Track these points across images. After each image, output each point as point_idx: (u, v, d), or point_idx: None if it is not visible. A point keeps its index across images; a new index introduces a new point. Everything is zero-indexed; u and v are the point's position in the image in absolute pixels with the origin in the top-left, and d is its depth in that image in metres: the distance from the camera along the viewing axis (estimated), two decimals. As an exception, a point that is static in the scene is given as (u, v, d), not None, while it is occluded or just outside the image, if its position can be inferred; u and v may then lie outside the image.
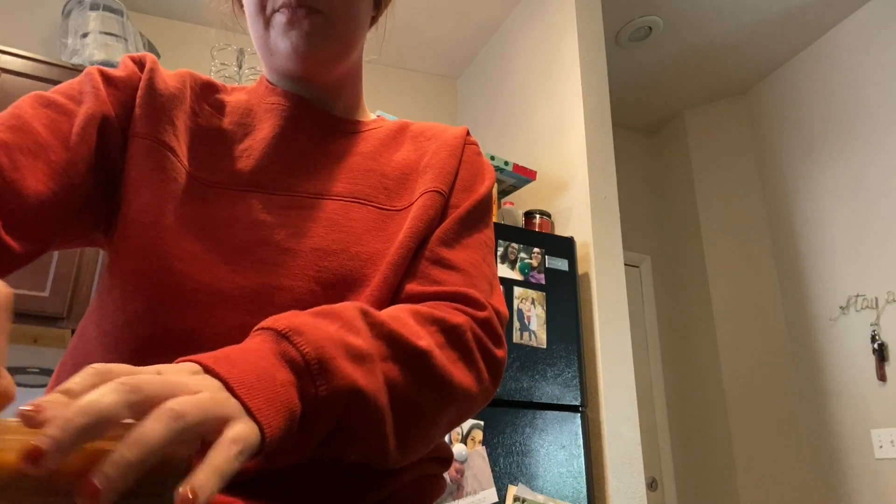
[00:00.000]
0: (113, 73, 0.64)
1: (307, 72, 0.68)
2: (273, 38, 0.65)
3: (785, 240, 3.05)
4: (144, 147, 0.60)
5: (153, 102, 0.63)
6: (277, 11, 0.64)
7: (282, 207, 0.62)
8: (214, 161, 0.64)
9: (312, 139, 0.68)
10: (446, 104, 3.28)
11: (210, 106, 0.68)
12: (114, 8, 2.23)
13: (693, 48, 3.05)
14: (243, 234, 0.59)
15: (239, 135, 0.67)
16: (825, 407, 2.71)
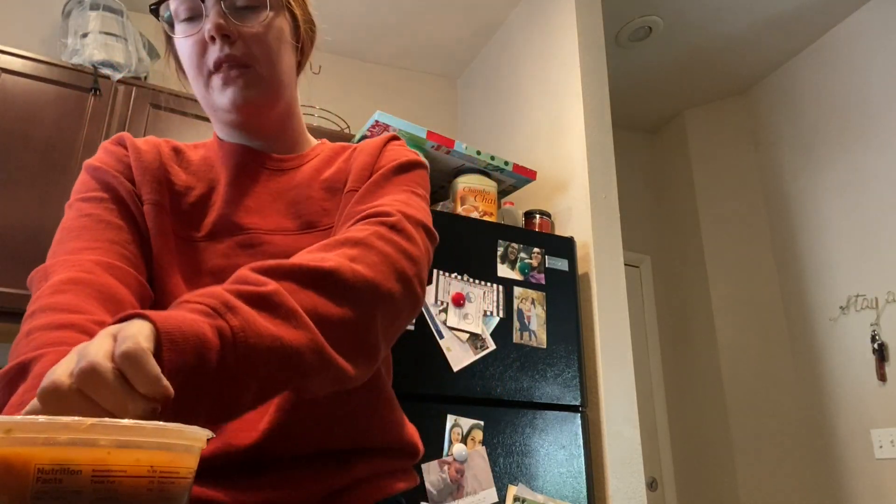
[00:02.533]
0: (107, 160, 0.74)
1: (246, 120, 0.76)
2: (214, 97, 0.74)
3: (785, 240, 3.05)
4: (153, 211, 0.71)
5: (145, 173, 0.73)
6: (214, 74, 0.73)
7: (243, 246, 0.71)
8: (192, 218, 0.73)
9: (260, 181, 0.77)
10: (446, 104, 3.28)
11: (179, 166, 0.78)
12: (114, 8, 2.23)
13: (693, 48, 3.05)
14: (215, 277, 0.68)
15: (205, 189, 0.76)
16: (825, 407, 2.71)
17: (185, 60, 0.75)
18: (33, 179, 1.92)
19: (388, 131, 1.98)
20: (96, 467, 0.32)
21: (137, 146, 0.76)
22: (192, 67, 0.74)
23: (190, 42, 0.73)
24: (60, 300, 0.61)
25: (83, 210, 0.71)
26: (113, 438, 0.33)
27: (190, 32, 0.73)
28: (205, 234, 0.72)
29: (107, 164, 0.75)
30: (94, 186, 0.73)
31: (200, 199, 0.75)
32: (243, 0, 0.73)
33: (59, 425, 0.32)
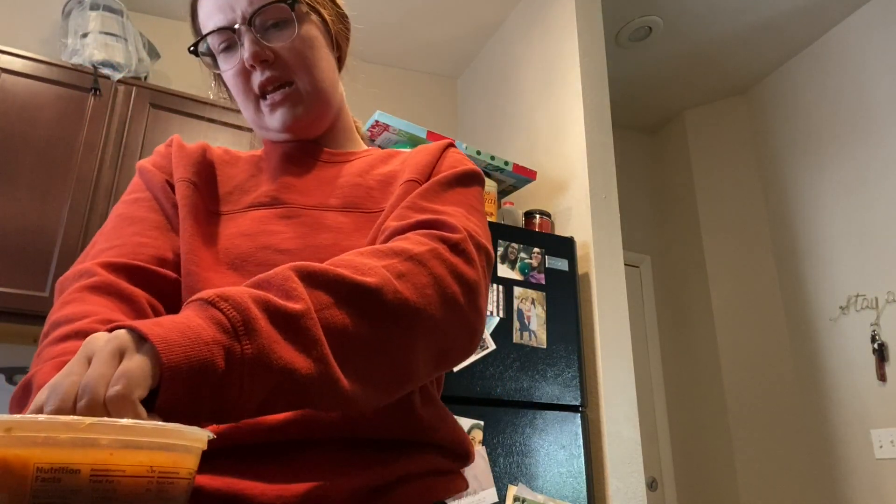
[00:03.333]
0: (153, 159, 0.78)
1: (301, 134, 0.78)
2: (266, 120, 0.76)
3: (785, 240, 3.05)
4: (184, 188, 0.72)
5: (182, 157, 0.75)
6: (261, 99, 0.76)
7: (279, 217, 0.70)
8: (231, 197, 0.74)
9: (308, 168, 0.77)
10: (446, 104, 3.28)
11: (227, 162, 0.80)
12: (114, 8, 2.23)
13: (693, 48, 3.05)
14: (245, 243, 0.68)
15: (247, 175, 0.77)
16: (825, 407, 2.71)
17: (232, 90, 0.78)
18: (33, 179, 1.92)
19: (388, 131, 1.98)
20: (95, 467, 0.32)
21: (183, 143, 0.79)
22: (240, 94, 0.77)
23: (232, 73, 0.76)
24: (66, 312, 0.61)
25: (115, 211, 0.74)
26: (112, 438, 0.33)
27: (231, 64, 0.75)
28: (242, 208, 0.72)
29: (151, 162, 0.78)
30: (133, 188, 0.76)
31: (244, 182, 0.76)
32: (271, 18, 0.74)
33: (59, 425, 0.32)
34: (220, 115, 2.28)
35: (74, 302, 0.62)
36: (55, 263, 1.88)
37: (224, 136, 2.26)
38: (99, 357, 0.40)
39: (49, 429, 0.32)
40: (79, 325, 0.58)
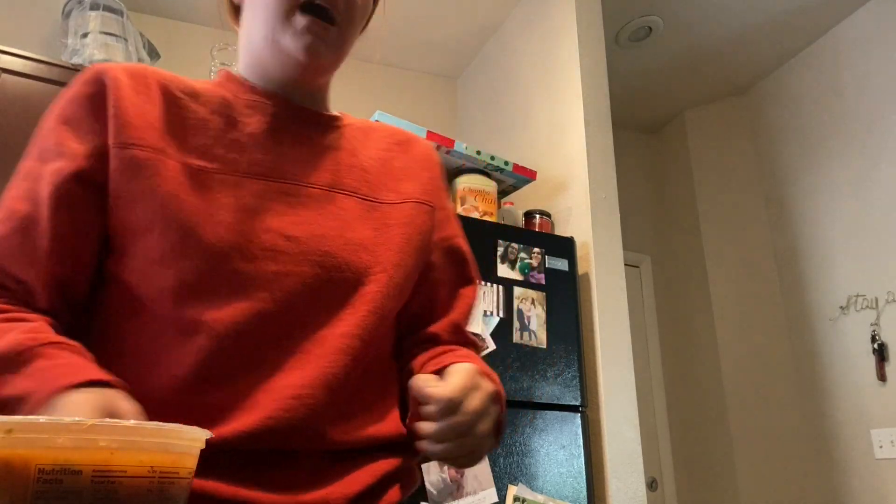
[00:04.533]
0: (77, 113, 0.64)
1: (306, 77, 0.71)
2: (286, 37, 0.67)
3: (785, 240, 3.05)
4: (128, 157, 0.61)
5: (124, 113, 0.62)
6: (300, 14, 0.66)
7: (280, 193, 0.65)
8: (205, 148, 0.64)
9: (298, 135, 0.71)
10: (446, 104, 3.28)
11: (183, 93, 0.68)
12: (114, 8, 2.23)
13: (693, 48, 3.05)
14: (249, 222, 0.62)
15: (222, 124, 0.67)
16: (825, 407, 2.71)
17: None
18: (33, 179, 1.92)
19: (388, 131, 1.98)
20: (97, 468, 0.32)
21: (119, 85, 0.66)
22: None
23: None
24: None
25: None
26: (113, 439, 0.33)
27: None
28: (238, 173, 0.64)
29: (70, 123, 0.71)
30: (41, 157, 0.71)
31: (210, 130, 0.66)
32: None
33: (60, 426, 0.32)
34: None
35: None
36: (55, 263, 1.88)
37: (224, 136, 2.26)
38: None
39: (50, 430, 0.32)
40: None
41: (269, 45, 0.69)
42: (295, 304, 0.61)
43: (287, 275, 0.61)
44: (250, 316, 0.59)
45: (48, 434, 0.32)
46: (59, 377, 0.49)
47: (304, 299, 0.62)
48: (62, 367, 0.51)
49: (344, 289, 0.64)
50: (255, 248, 0.61)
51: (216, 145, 0.65)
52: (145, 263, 0.59)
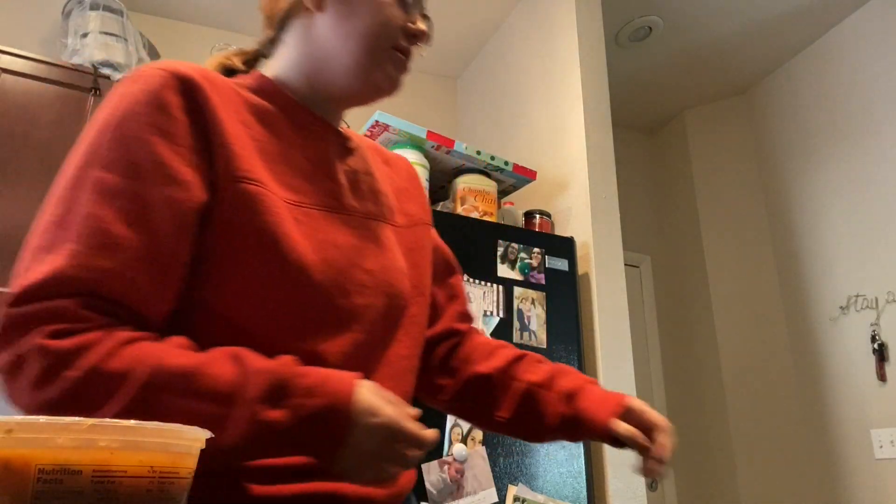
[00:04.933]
0: (176, 129, 0.59)
1: (370, 101, 0.73)
2: (377, 70, 0.69)
3: (785, 240, 3.05)
4: (244, 192, 0.60)
5: (228, 140, 0.61)
6: (396, 51, 0.69)
7: (350, 227, 0.68)
8: (286, 177, 0.65)
9: (342, 163, 0.72)
10: (446, 104, 3.28)
11: (247, 108, 0.66)
12: (114, 8, 2.23)
13: (693, 48, 3.05)
14: (341, 258, 0.65)
15: (287, 150, 0.67)
16: (825, 407, 2.71)
17: (378, 11, 0.68)
18: (33, 180, 1.92)
19: (388, 131, 1.98)
20: (97, 468, 0.32)
21: (206, 100, 0.64)
22: (383, 33, 0.68)
23: (397, 10, 0.69)
24: None
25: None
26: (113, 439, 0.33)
27: (414, 13, 0.71)
28: (311, 203, 0.65)
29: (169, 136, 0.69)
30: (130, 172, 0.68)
31: (279, 157, 0.66)
32: None
33: (60, 426, 0.32)
34: (220, 115, 2.27)
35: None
36: (55, 263, 1.88)
37: (224, 136, 2.26)
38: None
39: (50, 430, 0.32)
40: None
41: (352, 70, 0.69)
42: (374, 332, 0.67)
43: (369, 307, 0.66)
44: (352, 346, 0.64)
45: (48, 434, 0.32)
46: (343, 386, 0.54)
47: (378, 327, 0.67)
48: (331, 377, 0.55)
49: (397, 313, 0.70)
50: (348, 283, 0.64)
51: (294, 176, 0.65)
52: (249, 298, 0.59)
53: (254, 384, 0.51)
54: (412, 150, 2.00)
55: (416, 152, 2.00)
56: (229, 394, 0.51)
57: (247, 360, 0.53)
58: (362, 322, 0.65)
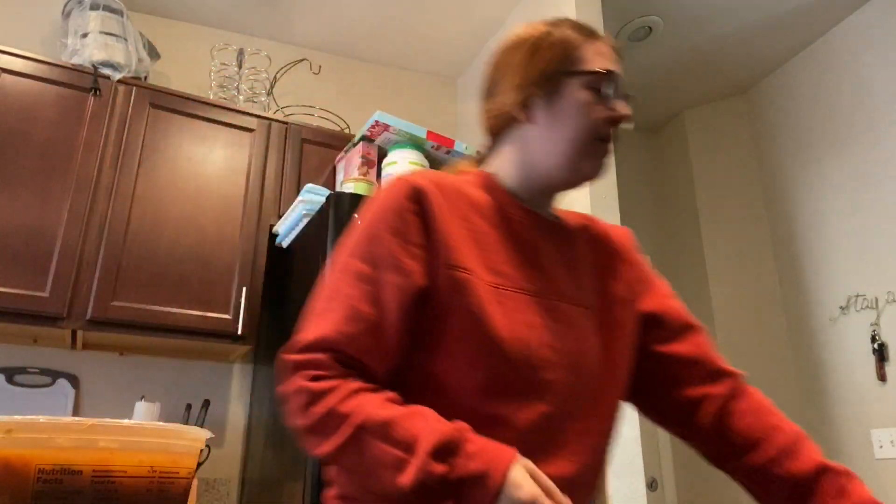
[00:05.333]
0: (407, 229, 0.76)
1: (576, 186, 0.86)
2: (585, 158, 0.82)
3: (785, 240, 3.05)
4: (454, 278, 0.74)
5: (445, 236, 0.76)
6: (600, 142, 0.81)
7: (546, 310, 0.78)
8: (495, 265, 0.77)
9: (551, 251, 0.84)
10: (446, 104, 3.28)
11: (469, 206, 0.80)
12: (114, 8, 2.23)
13: (693, 48, 3.05)
14: (533, 337, 0.75)
15: (502, 240, 0.80)
16: (825, 407, 2.71)
17: (579, 113, 0.81)
18: (33, 179, 1.92)
19: (387, 131, 1.98)
20: (97, 468, 0.32)
21: (430, 205, 0.79)
22: (584, 126, 0.81)
23: (597, 106, 0.81)
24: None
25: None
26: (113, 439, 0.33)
27: (617, 100, 0.82)
28: (515, 288, 0.78)
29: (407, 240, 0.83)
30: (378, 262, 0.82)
31: (495, 246, 0.79)
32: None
33: (60, 426, 0.32)
34: (219, 115, 2.28)
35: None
36: (55, 263, 1.88)
37: (223, 136, 2.26)
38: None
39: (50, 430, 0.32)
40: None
41: (565, 165, 0.82)
42: (562, 406, 0.75)
43: (557, 382, 0.75)
44: (539, 416, 0.73)
45: (48, 434, 0.32)
46: (501, 458, 0.63)
47: (567, 401, 0.76)
48: (493, 448, 0.65)
49: (586, 391, 0.78)
50: (536, 359, 0.74)
51: (502, 263, 0.78)
52: (455, 363, 0.73)
53: (429, 440, 0.63)
54: (412, 150, 2.00)
55: (416, 152, 2.00)
56: (411, 444, 0.64)
57: (430, 419, 0.66)
58: (551, 396, 0.74)
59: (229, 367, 2.36)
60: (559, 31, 0.88)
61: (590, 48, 0.85)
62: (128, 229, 2.00)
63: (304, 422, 0.69)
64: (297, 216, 1.98)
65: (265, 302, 2.18)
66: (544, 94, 0.83)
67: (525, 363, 0.73)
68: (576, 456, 0.75)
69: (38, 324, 1.84)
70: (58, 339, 2.06)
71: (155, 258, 2.01)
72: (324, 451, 0.67)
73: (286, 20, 2.84)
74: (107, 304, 1.90)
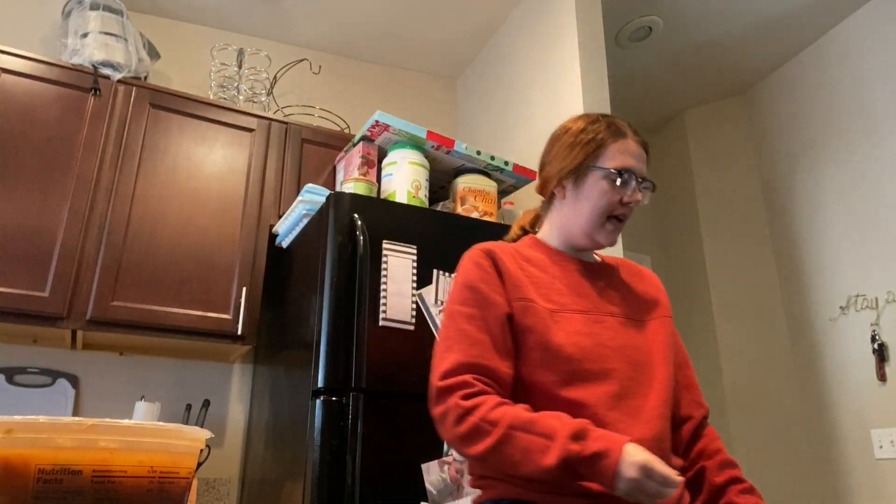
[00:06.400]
0: (490, 278, 1.08)
1: (596, 249, 1.16)
2: (601, 233, 1.12)
3: (785, 240, 3.05)
4: (522, 306, 1.05)
5: (512, 279, 1.08)
6: (614, 220, 1.12)
7: (594, 322, 1.07)
8: (548, 295, 1.08)
9: (592, 281, 1.15)
10: (446, 104, 3.28)
11: (524, 261, 1.13)
12: (114, 8, 2.23)
13: (693, 48, 3.05)
14: (586, 341, 1.04)
15: (550, 280, 1.11)
16: (825, 407, 2.71)
17: (598, 200, 1.11)
18: (33, 179, 1.92)
19: (388, 131, 1.98)
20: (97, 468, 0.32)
21: (502, 263, 1.10)
22: (600, 206, 1.11)
23: (612, 194, 1.10)
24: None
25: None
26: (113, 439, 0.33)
27: (622, 192, 1.11)
28: (573, 310, 1.07)
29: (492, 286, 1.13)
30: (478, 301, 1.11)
31: (546, 283, 1.10)
32: (645, 182, 1.15)
33: (60, 426, 0.32)
34: (219, 115, 2.28)
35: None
36: (55, 263, 1.88)
37: (223, 135, 2.26)
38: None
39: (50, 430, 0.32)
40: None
41: (584, 234, 1.13)
42: (625, 387, 1.02)
43: (616, 370, 1.02)
44: (606, 395, 0.99)
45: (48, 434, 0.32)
46: (618, 439, 0.86)
47: (628, 383, 1.02)
48: (610, 434, 0.88)
49: (642, 376, 1.04)
50: (593, 355, 1.02)
51: (555, 295, 1.08)
52: (531, 366, 1.01)
53: (565, 430, 0.87)
54: (412, 150, 2.00)
55: (416, 152, 2.00)
56: (552, 433, 0.88)
57: (562, 416, 0.90)
58: (613, 379, 1.01)
59: (229, 367, 2.36)
60: (594, 129, 1.14)
61: (614, 146, 1.12)
62: (128, 229, 2.00)
63: (460, 431, 0.92)
64: (297, 216, 1.98)
65: (265, 302, 2.18)
66: (574, 179, 1.14)
67: (584, 358, 1.01)
68: (647, 425, 0.99)
69: (38, 324, 1.84)
70: (58, 339, 2.06)
71: (155, 258, 2.01)
72: (479, 449, 0.90)
73: (286, 20, 2.84)
74: (107, 304, 1.90)
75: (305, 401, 1.60)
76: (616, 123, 1.15)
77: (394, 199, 1.93)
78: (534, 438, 0.88)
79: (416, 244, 1.74)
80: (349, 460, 1.44)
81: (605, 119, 1.16)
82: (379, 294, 1.63)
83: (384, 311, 1.62)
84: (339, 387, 1.52)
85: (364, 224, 1.66)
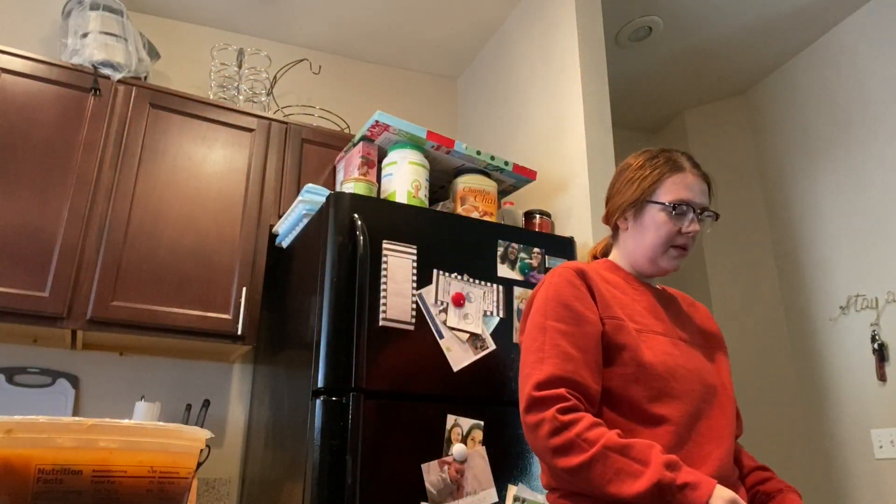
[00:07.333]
0: (583, 295, 1.14)
1: (661, 275, 1.24)
2: (664, 259, 1.21)
3: (785, 240, 3.05)
4: (614, 325, 1.12)
5: (602, 298, 1.15)
6: (676, 248, 1.20)
7: (671, 345, 1.14)
8: (632, 315, 1.14)
9: (662, 305, 1.23)
10: (446, 104, 3.28)
11: (606, 283, 1.19)
12: (114, 8, 2.23)
13: (693, 48, 3.05)
14: (669, 360, 1.11)
15: (630, 301, 1.18)
16: (825, 407, 2.71)
17: (659, 230, 1.19)
18: (33, 179, 1.92)
19: (388, 131, 1.98)
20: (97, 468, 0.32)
21: (594, 282, 1.17)
22: (663, 236, 1.19)
23: (673, 225, 1.19)
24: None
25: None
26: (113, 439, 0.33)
27: (681, 222, 1.19)
28: (655, 332, 1.15)
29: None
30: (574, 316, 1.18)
31: (627, 305, 1.16)
32: (705, 214, 1.24)
33: (60, 426, 0.32)
34: (219, 115, 2.28)
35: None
36: (55, 263, 1.88)
37: (223, 135, 2.26)
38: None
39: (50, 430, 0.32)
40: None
41: (649, 261, 1.22)
42: (697, 406, 1.09)
43: (692, 390, 1.09)
44: (683, 413, 1.06)
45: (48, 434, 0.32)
46: (709, 479, 0.92)
47: (699, 403, 1.09)
48: (699, 473, 0.94)
49: (710, 396, 1.12)
50: (676, 374, 1.09)
51: (638, 315, 1.15)
52: (622, 380, 1.07)
53: (660, 458, 0.93)
54: (412, 150, 2.00)
55: (416, 152, 2.00)
56: (647, 459, 0.93)
57: (656, 446, 0.95)
58: (688, 399, 1.08)
59: (229, 367, 2.36)
60: (652, 164, 1.22)
61: (670, 180, 1.20)
62: (128, 229, 2.00)
63: (554, 443, 0.97)
64: (297, 216, 1.99)
65: (265, 302, 2.18)
66: (634, 212, 1.23)
67: (671, 377, 1.08)
68: (715, 442, 1.07)
69: (38, 324, 1.84)
70: (58, 339, 2.06)
71: (155, 258, 2.01)
72: (572, 463, 0.95)
73: (286, 20, 2.84)
74: (107, 304, 1.90)
75: (305, 401, 1.61)
76: (674, 158, 1.23)
77: (394, 199, 1.93)
78: (628, 462, 0.93)
79: (416, 244, 1.74)
80: (349, 460, 1.44)
81: (664, 154, 1.24)
82: (379, 294, 1.63)
83: (384, 311, 1.62)
84: (339, 387, 1.52)
85: (364, 224, 1.66)
